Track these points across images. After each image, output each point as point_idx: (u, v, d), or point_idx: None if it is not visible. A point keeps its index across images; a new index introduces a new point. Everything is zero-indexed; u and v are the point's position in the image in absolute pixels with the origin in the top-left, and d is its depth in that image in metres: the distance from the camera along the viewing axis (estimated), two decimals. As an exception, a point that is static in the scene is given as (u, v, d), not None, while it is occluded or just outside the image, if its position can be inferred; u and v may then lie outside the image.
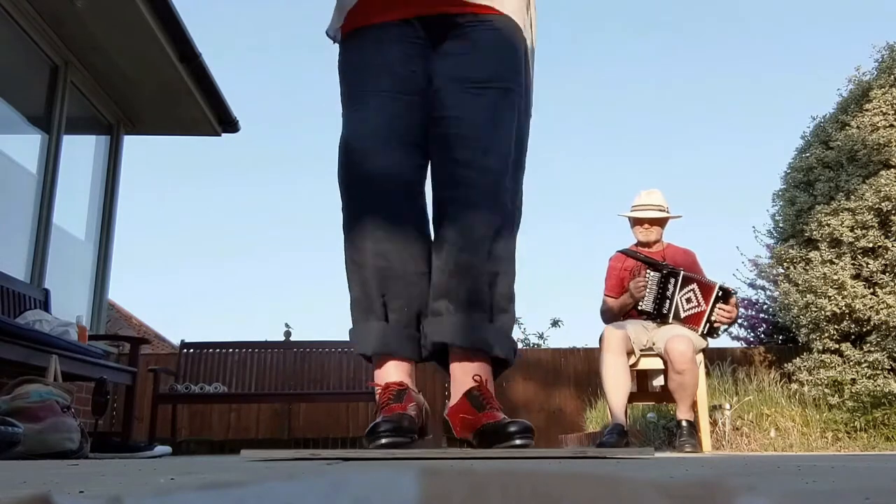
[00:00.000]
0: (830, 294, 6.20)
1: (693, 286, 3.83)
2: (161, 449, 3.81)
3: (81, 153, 5.60)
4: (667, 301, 3.83)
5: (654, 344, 3.85)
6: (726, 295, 3.81)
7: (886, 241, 6.16)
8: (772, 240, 7.69)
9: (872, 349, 6.13)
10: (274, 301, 22.29)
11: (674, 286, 3.81)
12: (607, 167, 22.01)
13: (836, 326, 6.34)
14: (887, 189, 6.10)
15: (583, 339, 14.55)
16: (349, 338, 1.98)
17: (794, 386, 6.20)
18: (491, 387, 1.86)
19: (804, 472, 0.94)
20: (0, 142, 4.59)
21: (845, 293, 6.15)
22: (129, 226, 27.07)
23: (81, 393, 4.65)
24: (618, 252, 4.15)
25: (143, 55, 5.03)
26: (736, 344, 7.98)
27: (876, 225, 6.24)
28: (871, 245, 6.23)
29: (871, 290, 6.19)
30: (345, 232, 1.93)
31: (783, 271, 7.00)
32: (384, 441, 1.68)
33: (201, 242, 27.79)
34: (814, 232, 6.56)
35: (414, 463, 1.34)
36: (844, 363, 6.25)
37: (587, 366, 7.03)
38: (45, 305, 4.47)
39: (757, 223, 10.81)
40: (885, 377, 5.96)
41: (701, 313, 3.80)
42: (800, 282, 6.49)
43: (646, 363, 3.91)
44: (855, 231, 6.30)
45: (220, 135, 6.23)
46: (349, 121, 1.96)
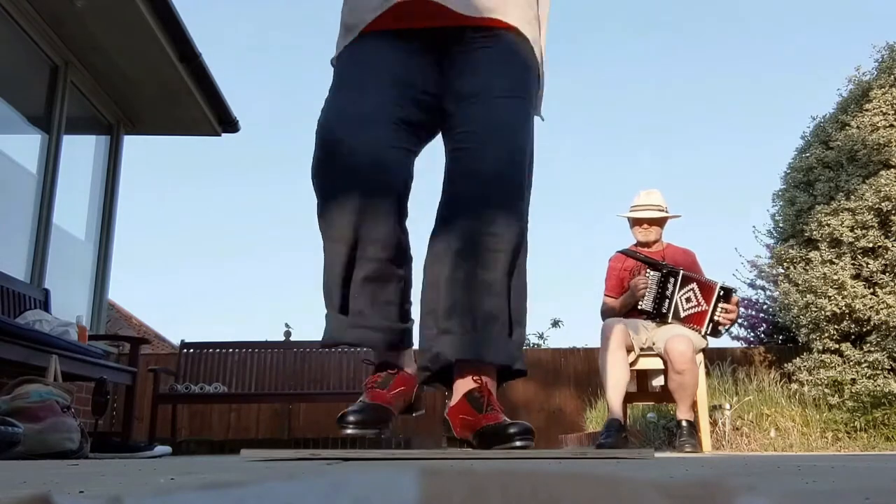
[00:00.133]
0: (830, 294, 6.21)
1: (693, 286, 3.83)
2: (161, 449, 3.81)
3: (81, 153, 5.60)
4: (666, 301, 3.83)
5: (654, 344, 3.85)
6: (727, 294, 3.81)
7: (886, 241, 6.16)
8: (772, 240, 7.69)
9: (872, 349, 6.13)
10: (274, 301, 22.32)
11: (673, 286, 3.82)
12: (607, 167, 22.02)
13: (836, 326, 6.35)
14: (887, 189, 6.11)
15: (583, 339, 14.56)
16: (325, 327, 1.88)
17: (794, 386, 6.20)
18: (492, 388, 1.86)
19: (804, 472, 0.94)
20: (0, 142, 4.59)
21: (845, 293, 6.15)
22: (129, 226, 27.08)
23: (81, 393, 4.65)
24: (617, 252, 4.15)
25: (143, 55, 5.04)
26: (736, 344, 7.99)
27: (876, 225, 6.25)
28: (871, 245, 6.24)
29: (871, 290, 6.19)
30: (319, 212, 1.81)
31: (783, 271, 7.01)
32: (349, 431, 1.74)
33: (201, 242, 27.81)
34: (814, 232, 6.57)
35: (414, 463, 1.34)
36: (844, 363, 6.25)
37: (587, 366, 7.03)
38: (45, 305, 4.47)
39: (757, 223, 10.82)
40: (885, 377, 5.96)
41: (703, 313, 3.81)
42: (800, 282, 6.50)
43: (645, 363, 3.91)
44: (855, 231, 6.30)
45: (220, 135, 6.23)
46: (329, 102, 1.83)
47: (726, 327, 3.88)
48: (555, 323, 9.87)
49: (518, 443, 1.69)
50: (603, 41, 22.99)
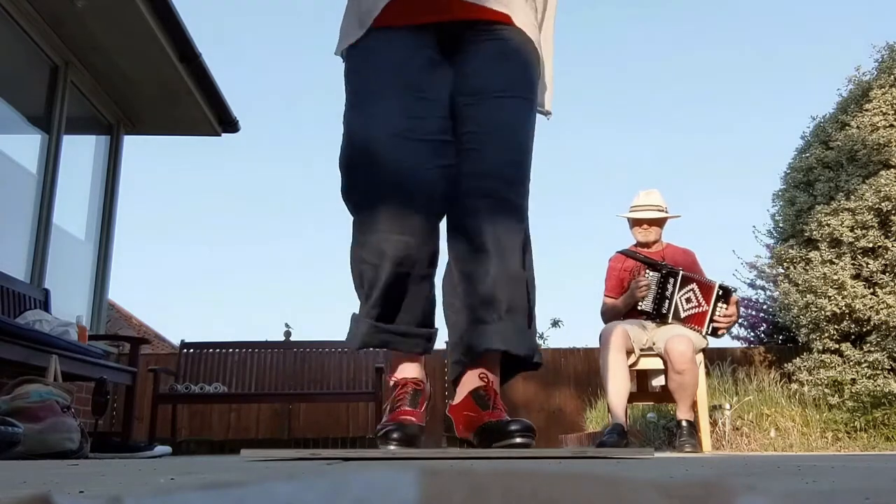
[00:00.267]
0: (830, 294, 6.21)
1: (693, 286, 3.83)
2: (161, 449, 3.81)
3: (81, 153, 5.60)
4: (666, 301, 3.83)
5: (654, 344, 3.85)
6: (726, 294, 3.81)
7: (886, 241, 6.17)
8: (772, 240, 7.70)
9: (872, 349, 6.13)
10: (274, 301, 22.31)
11: (673, 286, 3.82)
12: (607, 166, 22.02)
13: (836, 326, 6.35)
14: (887, 189, 6.11)
15: (583, 339, 14.55)
16: (350, 332, 1.94)
17: (794, 386, 6.20)
18: (496, 387, 1.88)
19: (804, 472, 0.94)
20: (0, 142, 4.59)
21: (845, 293, 6.16)
22: (130, 226, 27.07)
23: (81, 393, 4.65)
24: (617, 253, 4.15)
25: (143, 55, 5.04)
26: (736, 344, 7.99)
27: (876, 225, 6.25)
28: (871, 245, 6.24)
29: (871, 290, 6.19)
30: (357, 230, 1.87)
31: (783, 271, 7.01)
32: (392, 447, 1.76)
33: (202, 242, 27.80)
34: (814, 232, 6.57)
35: (414, 463, 1.34)
36: (844, 363, 6.25)
37: (587, 366, 7.03)
38: (45, 305, 4.47)
39: (757, 223, 10.82)
40: (885, 377, 5.96)
41: (703, 313, 3.80)
42: (800, 282, 6.50)
43: (646, 363, 3.91)
44: (855, 231, 6.30)
45: (220, 135, 6.23)
46: (361, 116, 1.86)
47: (727, 329, 3.88)
48: (555, 323, 9.87)
49: (518, 440, 1.70)
50: (603, 39, 22.99)
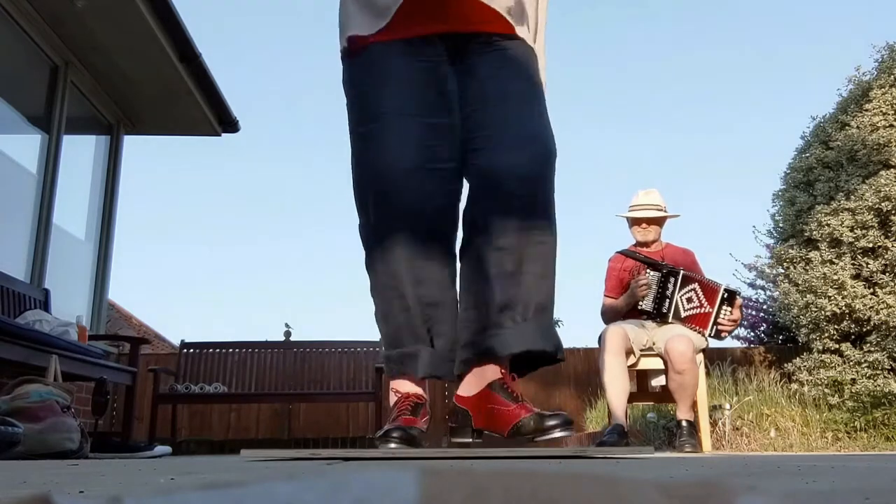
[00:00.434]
0: (830, 294, 6.21)
1: (694, 286, 3.82)
2: (161, 449, 3.81)
3: (81, 153, 5.60)
4: (666, 300, 3.82)
5: (654, 344, 3.84)
6: (731, 297, 3.80)
7: (886, 241, 6.17)
8: (772, 240, 7.70)
9: (872, 349, 6.13)
10: (274, 301, 22.31)
11: (673, 286, 3.81)
12: (607, 166, 22.02)
13: (836, 326, 6.35)
14: (887, 189, 6.11)
15: (583, 339, 14.54)
16: (385, 357, 2.00)
17: (794, 386, 6.20)
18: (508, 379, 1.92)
19: (804, 472, 0.94)
20: (0, 142, 4.59)
21: (845, 293, 6.16)
22: (130, 226, 27.07)
23: (81, 393, 4.65)
24: (617, 253, 4.15)
25: (143, 55, 5.04)
26: (736, 344, 7.99)
27: (876, 225, 6.25)
28: (871, 245, 6.24)
29: (871, 290, 6.19)
30: (374, 257, 1.93)
31: (783, 271, 7.01)
32: (393, 445, 1.78)
33: (202, 242, 27.80)
34: (814, 232, 6.57)
35: (414, 463, 1.34)
36: (844, 363, 6.25)
37: (587, 366, 7.03)
38: (45, 305, 4.47)
39: (757, 223, 10.82)
40: (885, 377, 5.96)
41: (706, 315, 3.79)
42: (800, 282, 6.50)
43: (646, 363, 3.91)
44: (855, 231, 6.30)
45: (220, 135, 6.23)
46: (372, 142, 1.89)
47: (729, 332, 3.87)
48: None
49: (560, 433, 1.75)
50: (602, 43, 23.00)
